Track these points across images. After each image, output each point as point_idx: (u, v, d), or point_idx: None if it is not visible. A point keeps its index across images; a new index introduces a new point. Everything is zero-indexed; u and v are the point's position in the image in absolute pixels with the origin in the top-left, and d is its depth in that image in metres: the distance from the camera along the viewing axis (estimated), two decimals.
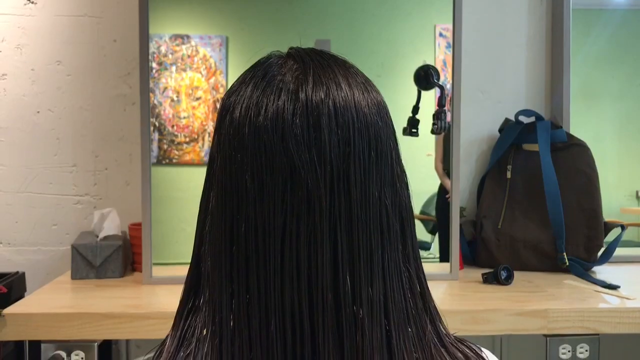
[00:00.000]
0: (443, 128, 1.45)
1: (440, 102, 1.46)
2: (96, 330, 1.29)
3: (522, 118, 1.75)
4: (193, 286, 0.54)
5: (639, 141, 2.15)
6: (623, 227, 1.64)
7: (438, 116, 1.43)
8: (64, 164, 1.79)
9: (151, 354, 0.55)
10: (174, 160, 1.82)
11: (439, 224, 1.81)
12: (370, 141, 0.51)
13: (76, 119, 1.78)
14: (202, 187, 0.55)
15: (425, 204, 1.84)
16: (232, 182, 0.51)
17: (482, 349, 0.58)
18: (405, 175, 0.56)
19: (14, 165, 1.78)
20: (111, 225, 1.65)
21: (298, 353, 0.49)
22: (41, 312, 1.30)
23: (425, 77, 1.51)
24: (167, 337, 0.54)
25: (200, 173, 0.56)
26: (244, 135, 0.50)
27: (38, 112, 1.78)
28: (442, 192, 1.76)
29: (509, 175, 1.74)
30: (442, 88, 1.50)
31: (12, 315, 1.29)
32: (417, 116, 1.63)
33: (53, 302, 1.39)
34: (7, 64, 1.77)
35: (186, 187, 1.97)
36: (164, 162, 1.81)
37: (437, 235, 1.84)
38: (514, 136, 1.73)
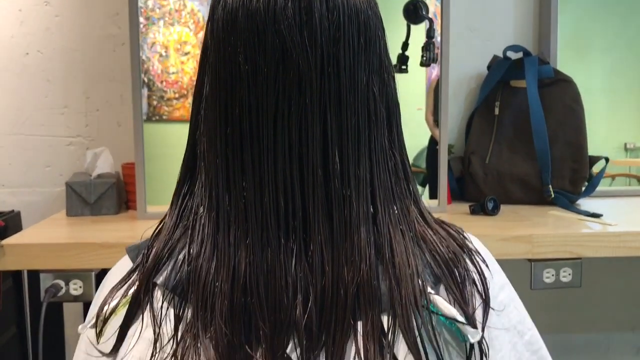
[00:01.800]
0: (432, 59, 1.46)
1: (429, 34, 1.47)
2: (93, 259, 1.32)
3: (510, 54, 1.76)
4: (189, 168, 0.57)
5: (627, 94, 2.18)
6: (607, 160, 1.68)
7: (427, 47, 1.45)
8: (55, 106, 1.79)
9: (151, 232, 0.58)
10: (164, 117, 1.82)
11: (429, 174, 1.83)
12: (359, 27, 0.53)
13: (66, 60, 1.78)
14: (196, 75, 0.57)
15: (416, 157, 1.86)
16: (225, 65, 0.53)
17: (465, 232, 0.61)
18: (392, 68, 0.59)
19: (5, 107, 1.78)
20: (104, 164, 1.67)
21: (290, 224, 0.51)
22: (38, 243, 1.33)
23: (414, 11, 1.52)
24: (165, 215, 0.57)
25: None
26: (237, 19, 0.52)
27: (27, 53, 1.77)
28: (433, 144, 1.78)
29: (497, 111, 1.76)
30: (430, 21, 1.51)
31: (10, 245, 1.32)
32: (407, 53, 1.65)
33: (50, 235, 1.41)
34: None
35: (177, 143, 1.97)
36: (154, 118, 1.81)
37: (427, 187, 1.86)
38: (502, 73, 1.75)
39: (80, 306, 1.58)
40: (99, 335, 0.55)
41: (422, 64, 1.53)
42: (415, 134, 1.81)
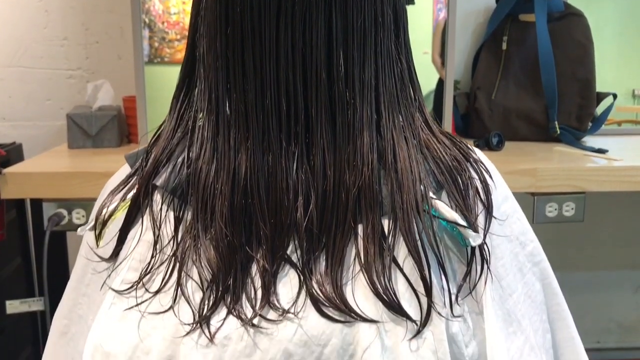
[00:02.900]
0: None
1: None
2: (96, 188, 1.31)
3: None
4: (188, 72, 0.55)
5: (637, 39, 2.12)
6: (615, 96, 1.66)
7: None
8: (54, 38, 1.76)
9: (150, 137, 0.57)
10: (166, 59, 1.79)
11: (435, 112, 1.81)
12: None
13: None
14: None
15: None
16: None
17: (470, 145, 0.60)
18: None
19: (3, 39, 1.75)
20: (105, 96, 1.65)
21: (292, 127, 0.50)
22: (41, 172, 1.33)
23: None
24: (163, 121, 0.56)
25: None
26: None
27: None
28: (440, 86, 1.74)
29: (504, 46, 1.72)
30: None
31: (12, 174, 1.32)
32: None
33: (52, 165, 1.41)
34: None
35: None
36: (155, 60, 1.77)
37: None
38: (511, 6, 1.70)
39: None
40: (98, 238, 0.55)
41: None
42: (421, 78, 1.77)
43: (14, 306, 1.36)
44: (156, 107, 1.61)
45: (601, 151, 1.49)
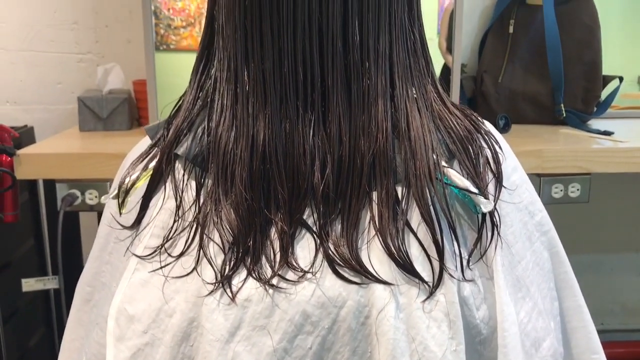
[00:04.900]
0: None
1: None
2: (108, 169, 1.34)
3: None
4: (207, 44, 0.57)
5: None
6: (621, 79, 1.66)
7: None
8: (64, 21, 1.77)
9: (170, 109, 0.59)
10: (172, 46, 1.80)
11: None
12: None
13: None
14: None
15: None
16: None
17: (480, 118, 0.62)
18: None
19: (14, 23, 1.76)
20: (116, 79, 1.66)
21: (309, 95, 0.52)
22: (53, 153, 1.35)
23: None
24: (184, 93, 0.58)
25: None
26: None
27: None
28: (446, 72, 1.75)
29: (511, 30, 1.73)
30: None
31: (26, 155, 1.34)
32: None
33: (64, 146, 1.43)
34: None
35: (186, 74, 1.95)
36: (161, 47, 1.78)
37: None
38: None
39: (96, 216, 1.61)
40: (121, 206, 0.57)
41: None
42: None
43: (29, 284, 1.39)
44: (164, 93, 1.63)
45: (607, 133, 1.51)
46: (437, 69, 1.77)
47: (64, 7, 1.76)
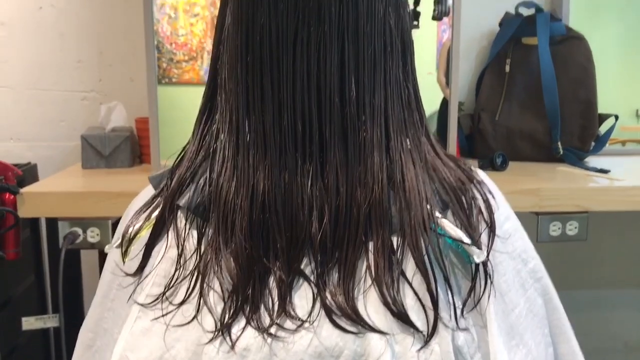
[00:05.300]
0: (444, 13, 1.47)
1: None
2: (109, 207, 1.35)
3: (522, 10, 1.76)
4: (210, 97, 0.59)
5: None
6: (617, 117, 1.69)
7: (439, 1, 1.45)
8: (69, 60, 1.81)
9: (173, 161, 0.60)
10: (174, 80, 1.83)
11: (440, 132, 1.85)
12: None
13: (79, 14, 1.79)
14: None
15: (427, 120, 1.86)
16: None
17: (473, 167, 0.64)
18: (408, 4, 0.61)
19: (20, 62, 1.80)
20: (118, 117, 1.69)
21: (307, 147, 0.54)
22: (56, 191, 1.37)
23: None
24: (187, 143, 0.60)
25: (201, 92, 0.60)
26: None
27: (40, 7, 1.78)
28: (444, 106, 1.78)
29: (507, 69, 1.76)
30: None
31: (28, 194, 1.35)
32: (418, 8, 1.64)
33: (66, 184, 1.45)
34: None
35: (188, 107, 1.98)
36: (163, 81, 1.82)
37: None
38: (514, 29, 1.74)
39: (97, 254, 1.62)
40: (124, 255, 0.58)
41: (434, 18, 1.53)
42: (426, 98, 1.80)
43: (29, 323, 1.39)
44: (165, 126, 1.65)
45: (603, 171, 1.52)
46: (437, 102, 1.80)
47: (68, 46, 1.80)
